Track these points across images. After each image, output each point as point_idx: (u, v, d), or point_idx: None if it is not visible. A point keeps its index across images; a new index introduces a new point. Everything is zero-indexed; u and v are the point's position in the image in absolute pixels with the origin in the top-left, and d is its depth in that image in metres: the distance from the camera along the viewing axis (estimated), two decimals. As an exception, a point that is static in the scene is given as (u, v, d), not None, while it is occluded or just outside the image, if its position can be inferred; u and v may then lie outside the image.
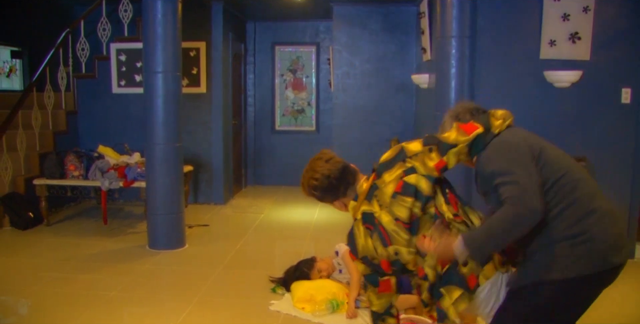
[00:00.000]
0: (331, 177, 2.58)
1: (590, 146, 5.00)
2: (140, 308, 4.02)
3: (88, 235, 6.01)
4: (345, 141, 7.90)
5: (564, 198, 2.18)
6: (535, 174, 2.15)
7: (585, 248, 2.11)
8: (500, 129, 2.41)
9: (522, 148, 2.26)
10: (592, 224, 2.14)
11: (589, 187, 2.27)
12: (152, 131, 5.35)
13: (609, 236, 2.14)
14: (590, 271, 2.11)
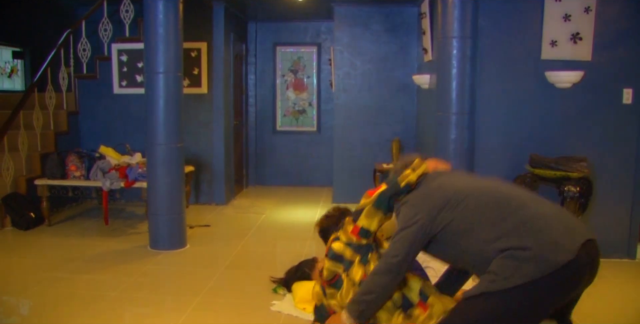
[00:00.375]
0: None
1: (592, 147, 5.00)
2: (142, 309, 4.01)
3: (89, 235, 6.01)
4: (347, 141, 7.90)
5: (492, 231, 2.31)
6: (424, 236, 2.45)
7: (525, 255, 2.19)
8: (409, 180, 2.60)
9: (430, 202, 2.49)
10: (525, 235, 2.24)
11: (516, 208, 2.35)
12: (153, 131, 5.35)
13: (545, 240, 2.22)
14: (538, 275, 2.16)
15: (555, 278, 2.17)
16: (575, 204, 4.49)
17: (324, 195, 8.58)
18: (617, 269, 4.89)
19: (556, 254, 2.18)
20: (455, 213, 2.39)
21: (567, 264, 2.17)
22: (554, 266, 2.15)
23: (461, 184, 2.53)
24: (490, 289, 2.20)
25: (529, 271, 2.15)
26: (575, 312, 3.90)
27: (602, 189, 5.01)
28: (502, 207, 2.34)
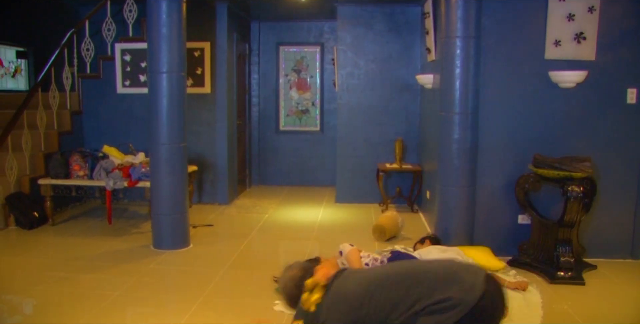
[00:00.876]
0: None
1: (596, 147, 4.98)
2: (145, 308, 4.02)
3: (93, 235, 6.02)
4: (350, 141, 7.90)
5: (408, 300, 2.51)
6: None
7: (448, 304, 2.41)
8: (316, 301, 2.71)
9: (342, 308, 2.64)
10: (442, 289, 2.46)
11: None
12: (156, 130, 5.36)
13: (460, 286, 2.46)
14: (461, 315, 2.38)
15: (476, 311, 2.39)
16: (578, 204, 4.48)
17: (327, 195, 8.58)
18: (620, 269, 4.88)
19: (471, 293, 2.41)
20: (370, 307, 2.55)
21: (481, 296, 2.40)
22: (472, 302, 2.38)
23: (362, 279, 2.71)
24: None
25: (454, 314, 2.38)
26: (578, 312, 3.91)
27: (606, 189, 5.00)
28: (411, 278, 2.56)
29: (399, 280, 2.55)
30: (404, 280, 2.53)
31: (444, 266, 2.61)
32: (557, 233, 4.65)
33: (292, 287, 2.94)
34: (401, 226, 6.03)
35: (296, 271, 3.00)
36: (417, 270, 2.59)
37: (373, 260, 4.22)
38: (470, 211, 5.13)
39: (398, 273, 2.60)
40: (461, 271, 2.54)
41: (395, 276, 2.59)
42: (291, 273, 3.01)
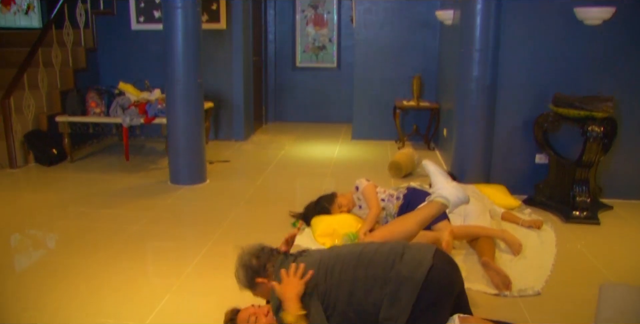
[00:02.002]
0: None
1: (619, 87, 4.84)
2: (163, 242, 4.10)
3: (111, 171, 6.09)
4: (367, 78, 7.81)
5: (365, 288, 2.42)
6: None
7: (394, 289, 2.35)
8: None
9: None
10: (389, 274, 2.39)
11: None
12: (172, 67, 5.31)
13: (402, 269, 2.39)
14: (415, 295, 2.31)
15: (430, 286, 2.33)
16: (598, 144, 4.41)
17: (343, 131, 8.57)
18: (636, 210, 4.86)
19: (418, 269, 2.35)
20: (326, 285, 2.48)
21: (429, 270, 2.34)
22: (420, 280, 2.32)
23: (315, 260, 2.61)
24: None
25: (406, 293, 2.31)
26: (592, 252, 3.93)
27: (627, 130, 4.91)
28: (361, 261, 2.49)
29: (347, 262, 2.49)
30: (352, 263, 2.47)
31: (390, 248, 2.52)
32: (574, 173, 4.61)
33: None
34: (417, 163, 6.02)
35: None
36: (365, 254, 2.50)
37: (389, 196, 4.22)
38: (488, 149, 5.10)
39: (346, 258, 2.52)
40: (408, 252, 2.47)
41: (344, 257, 2.52)
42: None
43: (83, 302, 3.13)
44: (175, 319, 2.98)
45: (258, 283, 2.65)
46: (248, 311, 2.66)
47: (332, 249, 2.74)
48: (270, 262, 2.68)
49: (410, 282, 2.32)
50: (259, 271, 2.65)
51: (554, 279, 3.49)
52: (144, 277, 3.50)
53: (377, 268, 2.41)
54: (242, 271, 2.69)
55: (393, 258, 2.42)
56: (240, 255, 2.73)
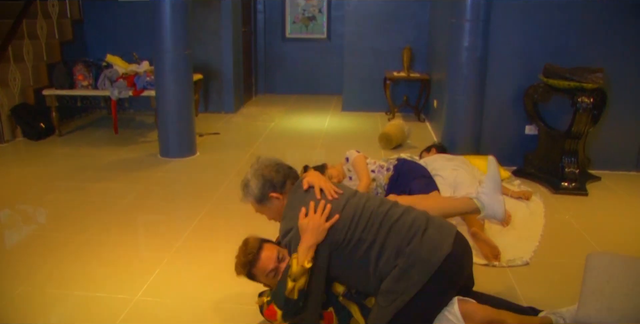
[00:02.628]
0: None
1: (610, 58, 4.82)
2: (154, 215, 4.10)
3: (100, 145, 6.06)
4: (357, 49, 7.74)
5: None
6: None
7: (407, 265, 2.24)
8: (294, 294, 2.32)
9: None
10: (405, 248, 2.27)
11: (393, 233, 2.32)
12: (160, 38, 5.24)
13: (422, 246, 2.27)
14: (426, 279, 2.22)
15: (443, 273, 2.24)
16: (587, 115, 4.42)
17: (333, 103, 8.54)
18: (624, 181, 4.90)
19: (435, 253, 2.25)
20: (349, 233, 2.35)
21: (446, 258, 2.24)
22: (436, 264, 2.23)
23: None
24: (398, 306, 2.23)
25: (421, 274, 2.23)
26: (580, 222, 3.97)
27: (616, 101, 4.91)
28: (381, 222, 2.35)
29: (372, 221, 2.34)
30: (376, 225, 2.33)
31: (413, 219, 2.36)
32: (563, 144, 4.63)
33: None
34: (407, 134, 6.02)
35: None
36: (389, 218, 2.34)
37: (379, 167, 4.22)
38: (478, 120, 5.10)
39: (372, 215, 2.36)
40: (431, 228, 2.34)
41: (370, 214, 2.36)
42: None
43: (74, 276, 3.14)
44: (166, 292, 2.99)
45: (270, 198, 2.47)
46: (271, 261, 2.41)
47: (357, 195, 2.47)
48: (290, 179, 2.49)
49: (425, 264, 2.23)
50: (277, 186, 2.45)
51: (542, 250, 3.53)
52: (134, 251, 3.51)
53: (397, 237, 2.29)
54: (257, 182, 2.47)
55: (415, 231, 2.30)
56: (258, 165, 2.53)
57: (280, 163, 2.54)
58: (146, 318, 2.74)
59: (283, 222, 2.42)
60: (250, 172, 2.52)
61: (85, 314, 2.76)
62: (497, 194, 2.73)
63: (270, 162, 2.52)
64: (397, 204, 2.45)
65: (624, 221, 4.07)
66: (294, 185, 2.47)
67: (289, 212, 2.40)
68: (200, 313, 2.78)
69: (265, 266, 2.41)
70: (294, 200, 2.42)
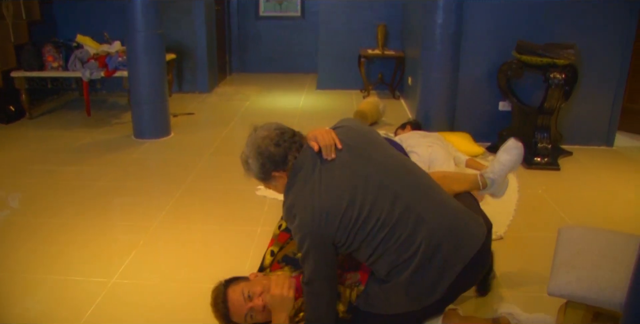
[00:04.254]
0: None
1: (581, 34, 4.86)
2: (129, 197, 4.08)
3: (72, 127, 5.97)
4: (331, 27, 7.70)
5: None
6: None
7: (419, 287, 2.10)
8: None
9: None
10: (397, 275, 2.09)
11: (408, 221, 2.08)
12: (131, 17, 5.15)
13: (413, 285, 2.09)
14: (428, 303, 2.12)
15: (467, 271, 2.12)
16: (559, 91, 4.47)
17: (308, 81, 8.51)
18: (594, 156, 4.98)
19: (452, 266, 2.09)
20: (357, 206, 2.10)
21: (474, 256, 2.13)
22: (463, 262, 2.10)
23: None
24: (386, 312, 2.17)
25: (445, 280, 2.09)
26: (552, 196, 4.03)
27: (587, 77, 4.96)
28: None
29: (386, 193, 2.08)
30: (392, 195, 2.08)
31: (455, 211, 2.18)
32: (536, 120, 4.68)
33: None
34: (382, 111, 6.04)
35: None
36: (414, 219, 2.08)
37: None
38: (452, 97, 5.12)
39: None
40: (468, 219, 2.20)
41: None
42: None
43: (50, 260, 3.12)
44: (142, 274, 2.99)
45: (274, 177, 2.19)
46: (241, 304, 2.25)
47: (368, 187, 2.08)
48: (292, 151, 2.16)
49: (423, 298, 2.11)
50: (278, 163, 2.15)
51: (516, 224, 3.58)
52: (110, 233, 3.49)
53: (390, 257, 2.08)
54: (255, 160, 2.19)
55: (411, 262, 2.06)
56: (255, 138, 2.22)
57: (281, 133, 2.20)
58: (123, 301, 2.74)
59: (284, 207, 2.17)
60: (248, 146, 2.23)
61: (61, 299, 2.75)
62: (508, 175, 2.70)
63: (270, 133, 2.19)
64: (415, 206, 2.09)
65: (595, 194, 4.14)
66: (296, 158, 2.16)
67: (289, 199, 2.14)
68: (177, 293, 2.79)
69: (239, 312, 2.25)
70: (291, 187, 2.15)
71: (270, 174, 2.18)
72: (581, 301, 2.04)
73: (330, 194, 2.04)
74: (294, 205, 2.09)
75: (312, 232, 2.04)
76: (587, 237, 2.32)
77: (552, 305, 2.49)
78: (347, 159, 2.13)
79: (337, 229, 2.03)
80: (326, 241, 2.06)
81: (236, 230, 3.52)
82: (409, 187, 2.12)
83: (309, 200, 2.05)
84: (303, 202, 2.06)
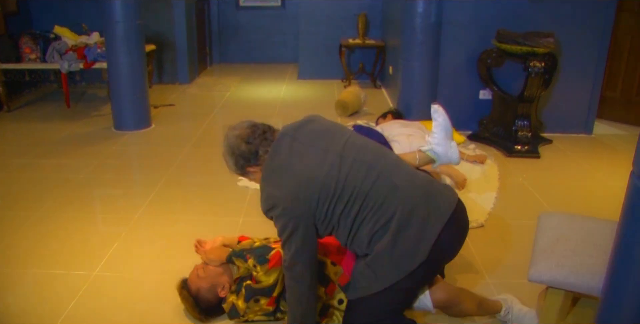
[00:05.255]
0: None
1: (560, 22, 4.89)
2: (110, 189, 4.05)
3: (52, 120, 5.91)
4: (312, 16, 7.67)
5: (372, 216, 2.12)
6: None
7: (377, 264, 2.12)
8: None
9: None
10: (376, 243, 2.11)
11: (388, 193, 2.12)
12: (110, 8, 5.09)
13: (395, 250, 2.10)
14: (414, 266, 2.10)
15: (447, 232, 2.13)
16: (539, 79, 4.50)
17: (289, 71, 8.48)
18: (574, 143, 5.03)
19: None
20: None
21: (455, 209, 2.17)
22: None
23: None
24: (377, 289, 2.15)
25: (425, 240, 2.10)
26: (532, 184, 4.07)
27: (566, 65, 5.01)
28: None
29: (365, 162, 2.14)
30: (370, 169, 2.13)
31: (425, 178, 2.24)
32: (516, 108, 4.71)
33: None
34: (363, 101, 6.04)
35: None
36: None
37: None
38: (433, 86, 5.14)
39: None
40: (438, 184, 2.26)
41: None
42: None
43: (30, 254, 3.10)
44: (124, 266, 2.98)
45: (249, 172, 2.30)
46: (193, 272, 2.59)
47: (343, 160, 2.14)
48: (263, 146, 2.23)
49: (408, 260, 2.11)
50: (250, 159, 2.24)
51: (497, 212, 3.61)
52: (91, 226, 3.47)
53: (368, 223, 2.12)
54: (230, 158, 2.30)
55: (393, 227, 2.09)
56: (228, 137, 2.32)
57: (252, 131, 2.28)
58: (105, 293, 2.73)
59: (262, 199, 2.19)
60: (224, 144, 2.33)
61: (42, 292, 2.74)
62: (449, 141, 2.71)
63: (241, 132, 2.28)
64: (388, 175, 2.15)
65: (574, 181, 4.19)
66: (267, 155, 2.21)
67: (265, 189, 2.18)
68: (159, 285, 2.78)
69: (192, 279, 2.57)
70: (267, 177, 2.20)
71: (245, 169, 2.29)
72: (560, 287, 2.07)
73: (307, 171, 2.11)
74: (271, 195, 2.13)
75: (293, 210, 2.09)
76: (567, 223, 2.35)
77: (533, 291, 2.52)
78: (321, 144, 2.19)
79: (317, 203, 2.09)
80: (308, 218, 2.11)
81: (218, 221, 3.52)
82: (381, 159, 2.19)
83: (286, 181, 2.11)
84: (280, 187, 2.12)
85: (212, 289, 2.52)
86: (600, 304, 1.65)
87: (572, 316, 2.34)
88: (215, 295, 2.52)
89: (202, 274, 2.52)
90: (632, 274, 1.46)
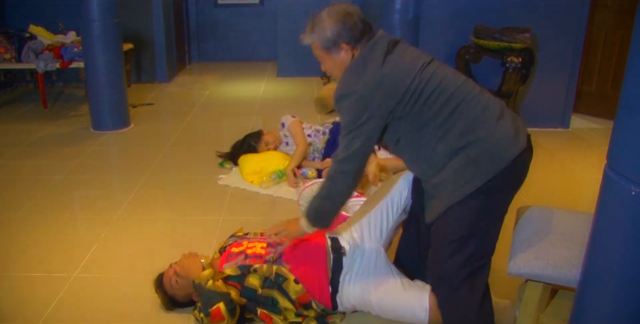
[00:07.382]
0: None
1: (537, 17, 4.93)
2: (90, 190, 4.02)
3: (28, 120, 5.85)
4: (291, 13, 7.67)
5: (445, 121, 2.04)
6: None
7: (476, 153, 2.01)
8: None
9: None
10: (475, 132, 2.01)
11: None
12: (86, 6, 5.04)
13: (496, 134, 2.03)
14: (494, 173, 2.02)
15: (509, 171, 2.06)
16: (517, 75, 4.54)
17: (268, 69, 8.47)
18: (551, 137, 5.08)
19: (505, 149, 2.02)
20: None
21: (517, 156, 2.04)
22: (506, 161, 2.01)
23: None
24: (454, 200, 2.03)
25: (485, 170, 2.01)
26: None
27: (543, 60, 5.06)
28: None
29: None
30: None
31: (488, 101, 2.08)
32: (494, 103, 4.74)
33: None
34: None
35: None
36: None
37: (315, 131, 4.26)
38: (411, 83, 5.14)
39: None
40: (507, 116, 2.10)
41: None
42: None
43: (8, 258, 3.07)
44: (104, 267, 2.96)
45: (340, 48, 2.16)
46: (168, 273, 2.55)
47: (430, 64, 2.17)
48: (366, 36, 2.14)
49: (496, 157, 2.01)
50: (353, 38, 2.13)
51: (476, 206, 3.63)
52: (70, 227, 3.44)
53: (465, 119, 2.02)
54: (333, 25, 2.12)
55: (488, 116, 2.04)
56: (341, 7, 2.16)
57: (364, 16, 2.17)
58: (85, 295, 2.71)
59: (338, 86, 2.12)
60: (330, 12, 2.14)
61: (21, 296, 2.71)
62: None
63: (356, 10, 2.16)
64: (470, 81, 2.13)
65: (552, 175, 4.23)
66: (367, 44, 2.12)
67: (349, 76, 2.10)
68: (139, 285, 2.76)
69: (166, 281, 2.55)
70: (359, 64, 2.09)
71: (340, 44, 2.13)
72: (539, 279, 2.09)
73: (396, 70, 2.05)
74: (352, 81, 2.05)
75: (372, 99, 2.01)
76: (545, 217, 2.38)
77: (512, 284, 2.54)
78: (413, 54, 2.19)
79: (402, 95, 2.00)
80: (382, 114, 2.02)
81: (198, 220, 3.51)
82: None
83: (374, 71, 2.03)
84: (366, 75, 2.03)
85: (187, 296, 2.52)
86: (576, 296, 1.67)
87: (551, 308, 2.36)
88: (190, 299, 2.53)
89: (176, 286, 2.51)
90: (606, 266, 1.48)
